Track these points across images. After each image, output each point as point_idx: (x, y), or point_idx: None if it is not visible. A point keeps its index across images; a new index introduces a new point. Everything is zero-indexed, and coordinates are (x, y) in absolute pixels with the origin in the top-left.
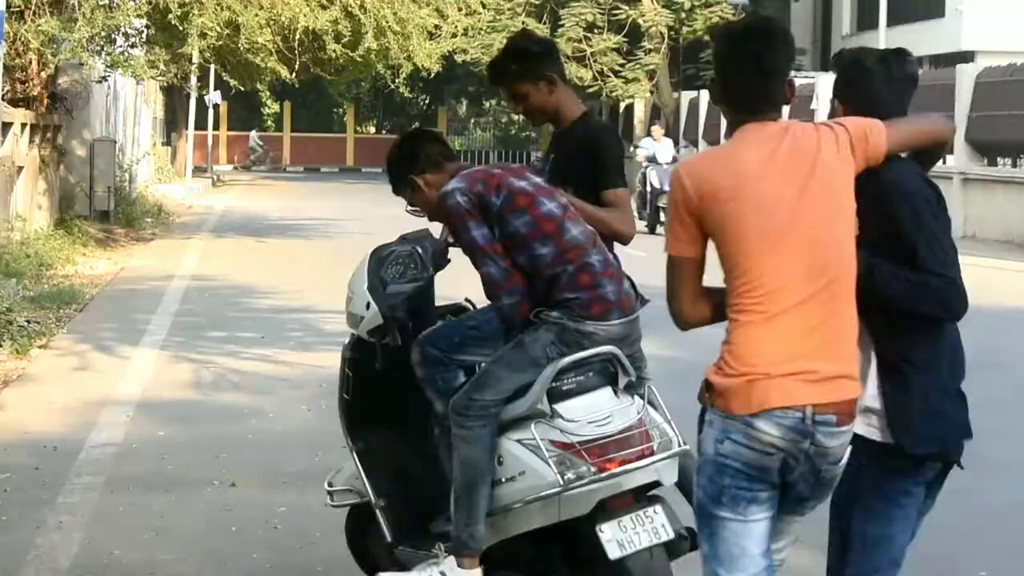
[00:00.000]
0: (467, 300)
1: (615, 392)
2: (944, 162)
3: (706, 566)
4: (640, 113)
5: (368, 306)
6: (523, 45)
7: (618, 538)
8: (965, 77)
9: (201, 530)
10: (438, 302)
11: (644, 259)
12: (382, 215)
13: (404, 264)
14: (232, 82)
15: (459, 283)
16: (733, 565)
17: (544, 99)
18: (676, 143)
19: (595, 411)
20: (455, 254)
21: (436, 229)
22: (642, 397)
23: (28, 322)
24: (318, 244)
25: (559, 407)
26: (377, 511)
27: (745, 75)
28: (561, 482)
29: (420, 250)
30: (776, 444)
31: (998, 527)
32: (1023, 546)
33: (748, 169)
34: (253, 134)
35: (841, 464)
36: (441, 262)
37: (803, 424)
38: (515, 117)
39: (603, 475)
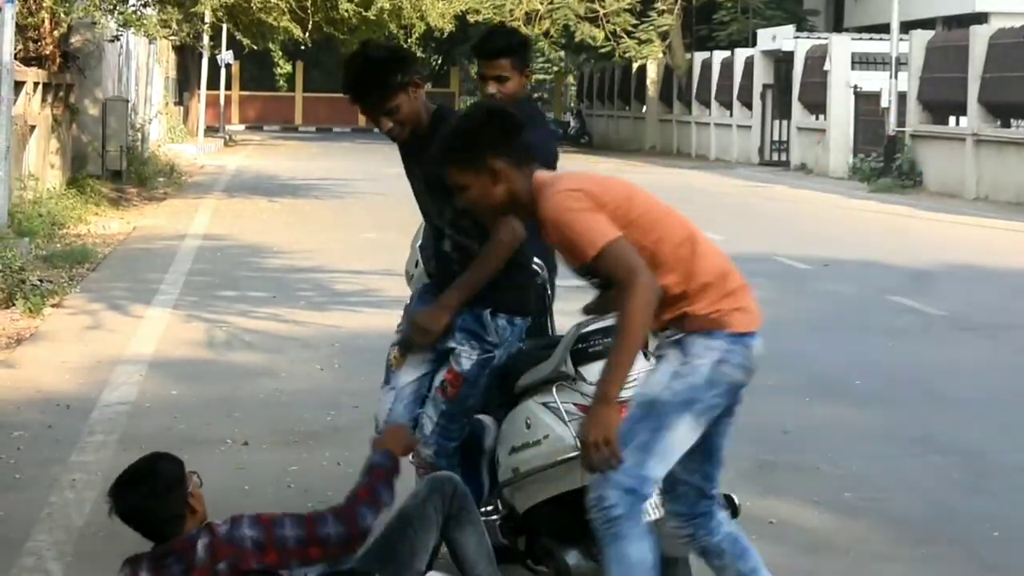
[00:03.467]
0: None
1: (645, 356)
2: (957, 123)
3: (635, 453)
4: (653, 74)
5: (416, 264)
6: (376, 55)
7: None
8: (979, 39)
9: (213, 489)
10: None
11: None
12: (393, 175)
13: None
14: (244, 42)
15: None
16: (661, 461)
17: (415, 106)
18: (689, 104)
19: None
20: None
21: None
22: None
23: (41, 281)
24: (329, 204)
25: (584, 369)
26: None
27: None
28: (579, 445)
29: None
30: (754, 366)
31: (1012, 487)
32: None
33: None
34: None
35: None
36: None
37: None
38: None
39: None
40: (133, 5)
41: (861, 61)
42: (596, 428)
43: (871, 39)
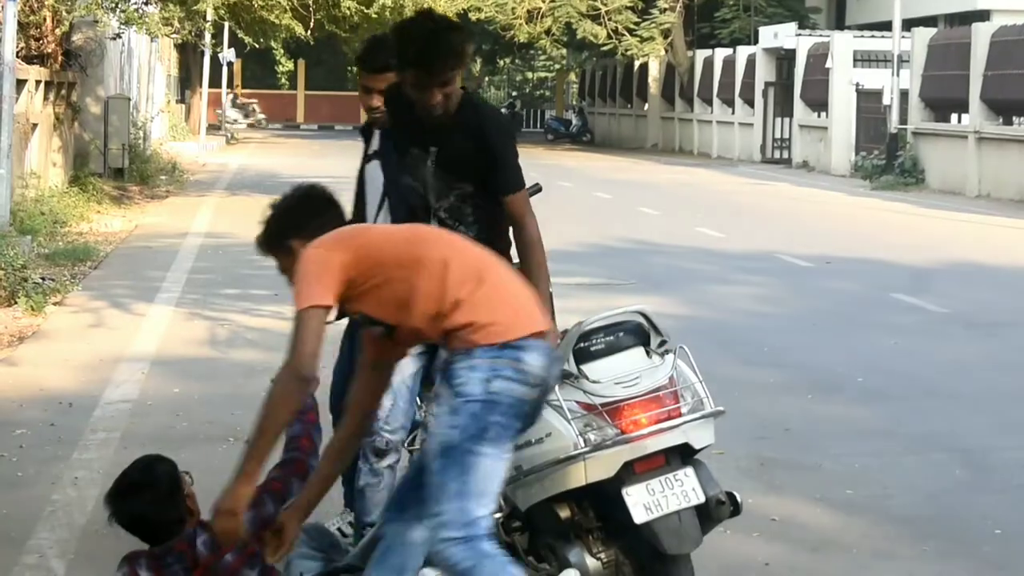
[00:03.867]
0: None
1: (647, 352)
2: (959, 121)
3: (452, 503)
4: (655, 72)
5: None
6: (448, 23)
7: (644, 501)
8: (981, 36)
9: (215, 486)
10: None
11: None
12: None
13: None
14: (246, 40)
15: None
16: (482, 500)
17: (458, 84)
18: (691, 102)
19: (623, 372)
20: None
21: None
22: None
23: (43, 279)
24: None
25: (586, 368)
26: None
27: None
28: (583, 444)
29: None
30: (540, 375)
31: (1014, 484)
32: None
33: None
34: (584, 105)
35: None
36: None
37: (551, 350)
38: (529, 75)
39: (626, 437)
40: (135, 3)
41: (863, 59)
42: (224, 499)
43: (873, 36)
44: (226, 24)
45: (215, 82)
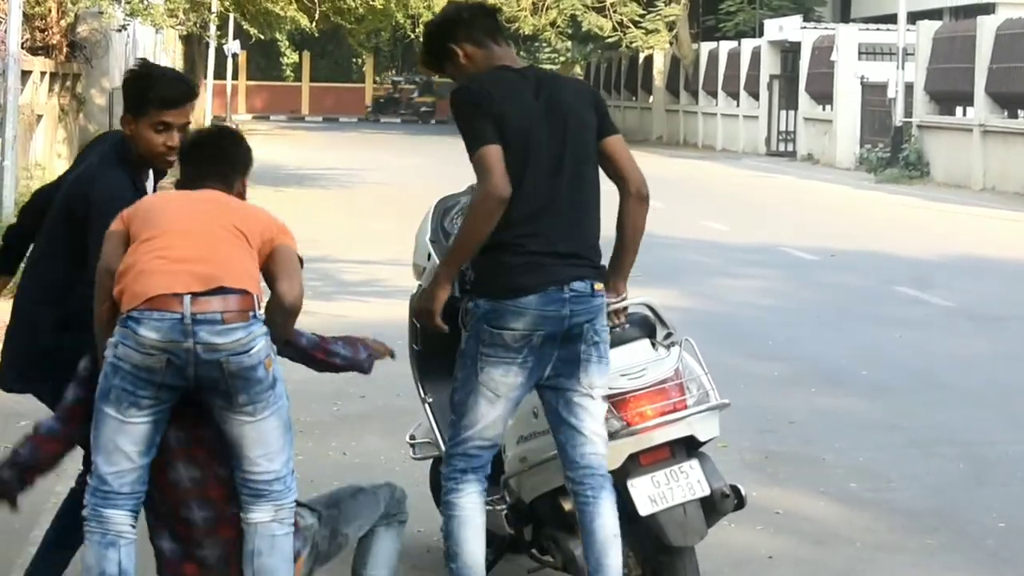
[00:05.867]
0: None
1: (653, 344)
2: (964, 114)
3: (91, 454)
4: (660, 65)
5: (429, 257)
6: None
7: (649, 493)
8: (986, 29)
9: None
10: None
11: None
12: (400, 165)
13: None
14: (251, 31)
15: None
16: (108, 458)
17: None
18: (695, 94)
19: (629, 363)
20: None
21: None
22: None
23: None
24: (336, 194)
25: None
26: None
27: None
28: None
29: None
30: (156, 346)
31: (1018, 478)
32: None
33: None
34: None
35: (248, 355)
36: None
37: (182, 325)
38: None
39: (631, 428)
40: None
41: (868, 51)
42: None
43: (878, 29)
44: (231, 16)
45: (220, 74)
